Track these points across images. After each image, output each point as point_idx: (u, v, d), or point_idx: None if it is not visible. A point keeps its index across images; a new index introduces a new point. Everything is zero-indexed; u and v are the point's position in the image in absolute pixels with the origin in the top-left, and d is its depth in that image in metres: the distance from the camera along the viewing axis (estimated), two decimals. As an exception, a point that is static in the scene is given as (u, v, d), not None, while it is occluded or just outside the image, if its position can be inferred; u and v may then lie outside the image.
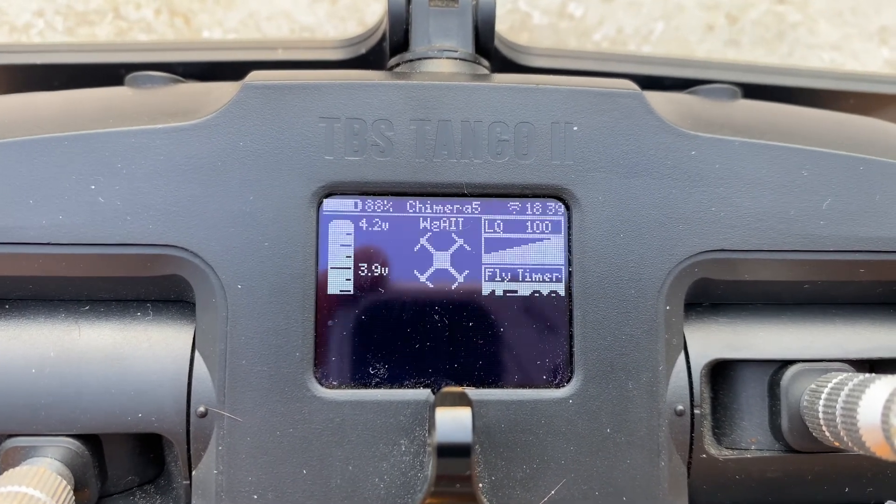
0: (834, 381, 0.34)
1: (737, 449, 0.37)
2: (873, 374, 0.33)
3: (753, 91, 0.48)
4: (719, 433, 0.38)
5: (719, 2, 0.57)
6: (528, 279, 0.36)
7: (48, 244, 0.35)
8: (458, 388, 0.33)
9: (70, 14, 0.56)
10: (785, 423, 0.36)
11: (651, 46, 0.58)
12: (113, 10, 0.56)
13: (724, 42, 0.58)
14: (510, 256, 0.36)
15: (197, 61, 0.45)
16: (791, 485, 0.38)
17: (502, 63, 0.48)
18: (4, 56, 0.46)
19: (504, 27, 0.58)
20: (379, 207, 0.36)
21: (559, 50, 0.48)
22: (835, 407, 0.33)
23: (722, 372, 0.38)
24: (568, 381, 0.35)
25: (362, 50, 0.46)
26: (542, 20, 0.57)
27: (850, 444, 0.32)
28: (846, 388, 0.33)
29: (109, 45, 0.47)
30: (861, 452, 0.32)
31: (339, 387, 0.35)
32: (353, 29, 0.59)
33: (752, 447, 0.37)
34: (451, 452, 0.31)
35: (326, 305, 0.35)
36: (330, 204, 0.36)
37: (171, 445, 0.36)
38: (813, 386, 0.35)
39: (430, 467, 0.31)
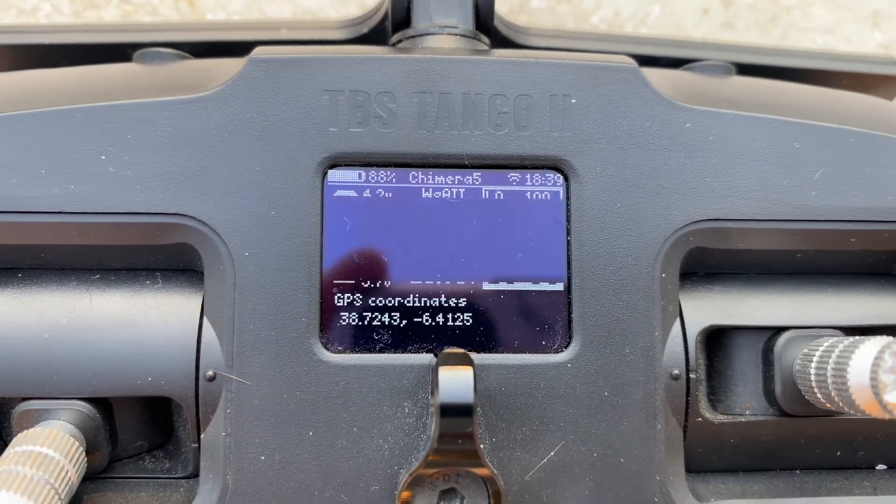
0: (825, 344, 0.35)
1: (732, 414, 0.38)
2: (863, 337, 0.34)
3: (748, 71, 0.49)
4: (714, 399, 0.39)
5: (714, -15, 0.58)
6: (527, 247, 0.37)
7: (60, 213, 0.35)
8: (460, 350, 0.34)
9: (77, -3, 0.57)
10: (778, 387, 0.37)
11: (647, 29, 0.59)
12: (119, -7, 0.57)
13: (718, 25, 0.59)
14: (511, 225, 0.37)
15: (202, 41, 0.46)
16: (784, 448, 0.39)
17: (501, 43, 0.49)
18: (13, 36, 0.47)
19: (503, 10, 0.59)
20: (382, 178, 0.37)
21: (557, 31, 0.49)
22: (826, 369, 0.34)
23: (717, 339, 0.39)
24: (567, 347, 0.36)
25: (365, 29, 0.47)
26: (541, 3, 0.59)
27: (841, 404, 0.33)
28: (836, 351, 0.34)
29: (116, 25, 0.48)
30: (852, 413, 0.33)
31: (344, 351, 0.36)
32: (353, 11, 0.60)
33: (747, 412, 0.38)
34: (454, 410, 0.32)
35: (331, 272, 0.36)
36: (334, 175, 0.37)
37: (180, 411, 0.37)
38: (805, 350, 0.36)
39: (433, 426, 0.32)
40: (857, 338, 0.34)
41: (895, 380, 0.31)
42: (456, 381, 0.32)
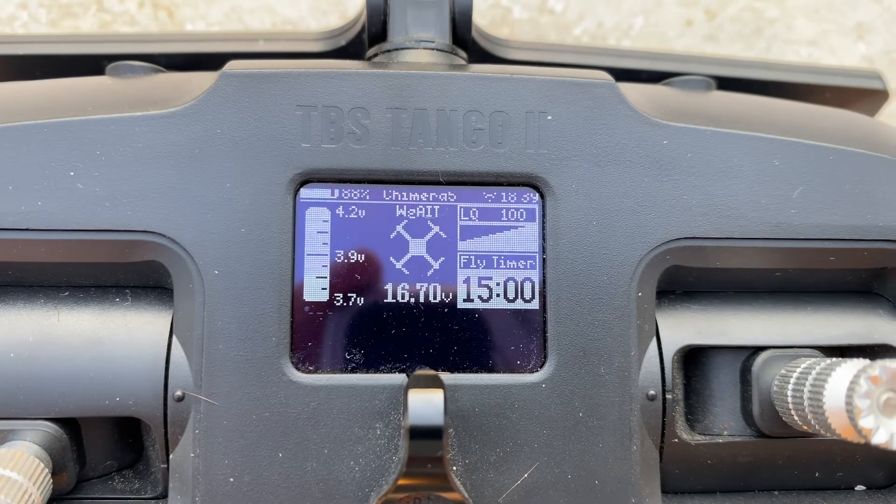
0: (802, 365, 0.35)
1: (709, 434, 0.38)
2: (840, 359, 0.33)
3: (729, 85, 0.49)
4: (692, 419, 0.38)
5: (698, -3, 0.58)
6: (502, 266, 0.37)
7: (27, 230, 0.35)
8: (431, 372, 0.34)
9: (53, 6, 0.56)
10: (756, 408, 0.37)
11: (630, 41, 0.58)
12: (96, 3, 0.57)
13: (702, 37, 0.58)
14: (485, 244, 0.37)
15: (179, 52, 0.46)
16: (762, 470, 0.38)
17: (481, 56, 0.48)
18: (-13, 47, 0.47)
19: (485, 22, 0.59)
20: (355, 195, 0.37)
21: (537, 43, 0.48)
22: (803, 391, 0.33)
23: (694, 359, 0.38)
24: (541, 367, 0.36)
25: (342, 42, 0.46)
26: (523, 15, 0.58)
27: (817, 427, 0.33)
28: (813, 373, 0.33)
29: (91, 36, 0.47)
30: (828, 435, 0.33)
31: (315, 371, 0.35)
32: (334, 22, 0.60)
33: (724, 433, 0.38)
34: (424, 433, 0.31)
35: (303, 291, 0.36)
36: (307, 191, 0.36)
37: (149, 430, 0.36)
38: (783, 371, 0.36)
39: (403, 449, 0.32)
40: (834, 360, 0.33)
41: (870, 405, 0.30)
42: (426, 405, 0.31)
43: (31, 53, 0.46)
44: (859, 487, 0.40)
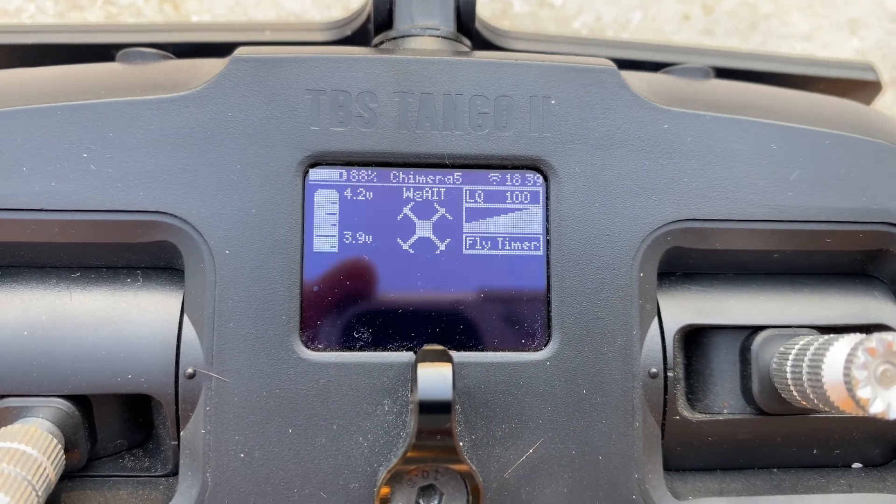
0: (800, 343, 0.35)
1: (710, 413, 0.38)
2: (837, 335, 0.34)
3: (727, 75, 0.50)
4: (693, 398, 0.39)
5: (694, -8, 0.59)
6: (507, 248, 0.37)
7: (41, 210, 0.35)
8: (439, 347, 0.34)
9: (61, -1, 0.57)
10: (756, 386, 0.37)
11: (629, 35, 0.59)
12: (103, -4, 0.58)
13: (699, 31, 0.59)
14: (490, 225, 0.38)
15: (186, 42, 0.47)
16: (762, 447, 0.39)
17: (484, 46, 0.49)
18: (-4, 37, 0.47)
19: (487, 14, 0.60)
20: (363, 177, 0.37)
21: (538, 34, 0.49)
22: (801, 367, 0.34)
23: (695, 339, 0.39)
24: (546, 345, 0.37)
25: (348, 31, 0.47)
26: (523, 8, 0.59)
27: (816, 401, 0.34)
28: (811, 349, 0.34)
29: (100, 26, 0.48)
30: (827, 409, 0.34)
31: (324, 349, 0.36)
32: (338, 15, 0.60)
33: (725, 411, 0.38)
34: (433, 407, 0.32)
35: (312, 271, 0.36)
36: (316, 173, 0.37)
37: (160, 409, 0.37)
38: (781, 349, 0.36)
39: (412, 422, 0.33)
40: (831, 336, 0.34)
41: (867, 376, 0.31)
42: (435, 378, 0.32)
43: (40, 43, 0.47)
44: (856, 465, 0.40)
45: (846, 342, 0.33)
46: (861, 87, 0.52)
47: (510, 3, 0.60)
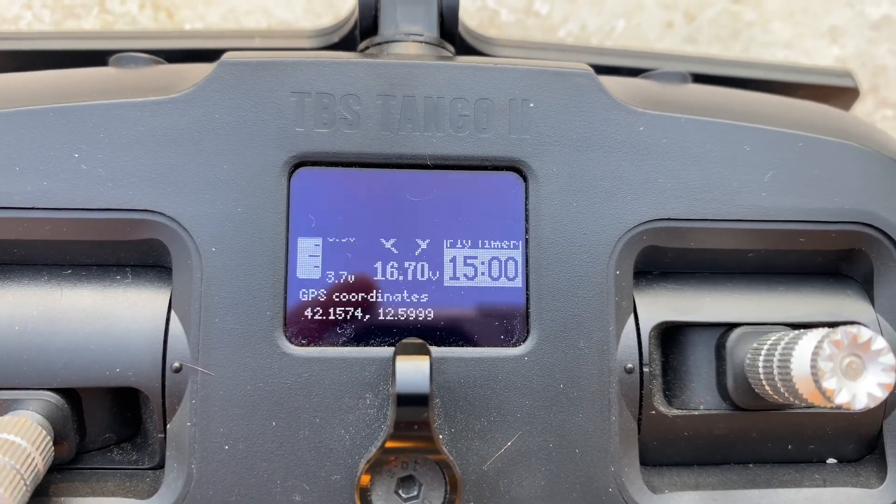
0: (772, 338, 0.36)
1: (686, 409, 0.39)
2: (806, 330, 0.35)
3: (706, 81, 0.51)
4: (670, 394, 0.40)
5: (677, 0, 0.60)
6: (487, 246, 0.38)
7: (33, 208, 0.37)
8: (418, 340, 0.35)
9: (57, 7, 0.59)
10: (730, 382, 0.38)
11: (613, 43, 0.61)
12: (99, 4, 0.59)
13: (682, 39, 0.61)
14: (470, 225, 0.39)
15: (178, 48, 0.48)
16: (737, 442, 0.40)
17: (468, 53, 0.50)
18: (-7, 43, 0.48)
19: (473, 23, 0.61)
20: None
21: (522, 41, 0.50)
22: (773, 361, 0.35)
23: (672, 336, 0.40)
24: (524, 341, 0.38)
25: (335, 39, 0.48)
26: (510, 17, 0.61)
27: (787, 394, 0.35)
28: (782, 344, 0.35)
29: (95, 33, 0.49)
30: (797, 402, 0.34)
31: (307, 345, 0.37)
32: (327, 23, 0.62)
33: (701, 406, 0.39)
34: (411, 398, 0.33)
35: (296, 268, 0.37)
36: (300, 173, 0.38)
37: (148, 403, 0.38)
38: (755, 345, 0.37)
39: (391, 413, 0.33)
40: (799, 331, 0.35)
41: (833, 367, 0.32)
42: (412, 370, 0.33)
43: (36, 49, 0.48)
44: (831, 461, 0.41)
45: (813, 336, 0.33)
46: (839, 94, 0.53)
47: (497, 13, 0.61)
